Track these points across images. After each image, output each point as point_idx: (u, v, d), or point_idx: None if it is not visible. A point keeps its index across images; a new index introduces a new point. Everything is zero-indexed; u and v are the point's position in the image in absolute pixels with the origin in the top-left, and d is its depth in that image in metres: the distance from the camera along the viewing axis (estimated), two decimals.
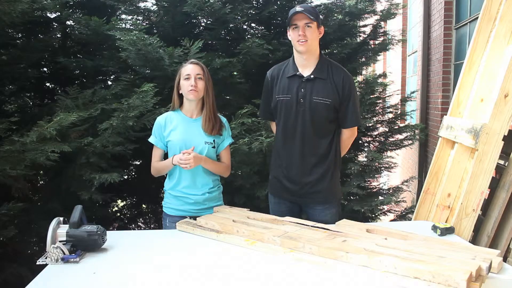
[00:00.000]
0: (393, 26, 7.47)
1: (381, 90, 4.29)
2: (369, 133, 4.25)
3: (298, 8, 2.07)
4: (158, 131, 2.22)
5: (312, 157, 2.18)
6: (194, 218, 2.04)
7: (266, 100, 2.33)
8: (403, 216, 4.22)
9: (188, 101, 2.19)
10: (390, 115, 4.44)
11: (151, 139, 2.24)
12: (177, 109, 2.23)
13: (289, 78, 2.19)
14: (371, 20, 4.25)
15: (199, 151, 2.17)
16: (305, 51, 2.11)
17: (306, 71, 2.17)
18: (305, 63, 2.17)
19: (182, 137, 2.17)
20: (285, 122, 2.20)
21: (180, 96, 2.21)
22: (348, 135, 2.26)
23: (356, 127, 2.27)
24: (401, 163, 7.21)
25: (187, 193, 2.19)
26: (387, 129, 4.31)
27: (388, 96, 4.66)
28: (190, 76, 2.13)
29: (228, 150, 2.32)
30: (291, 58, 2.23)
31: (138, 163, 3.85)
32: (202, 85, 2.16)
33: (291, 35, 2.13)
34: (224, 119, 2.30)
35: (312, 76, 2.15)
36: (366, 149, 4.20)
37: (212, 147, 2.21)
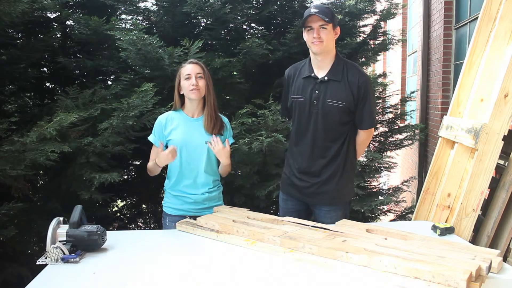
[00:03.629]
0: (393, 26, 7.47)
1: (381, 90, 4.29)
2: None
3: (312, 10, 2.03)
4: (159, 130, 2.21)
5: (321, 159, 2.17)
6: (194, 218, 2.04)
7: (285, 99, 2.32)
8: (403, 216, 4.22)
9: (190, 101, 2.19)
10: (390, 115, 4.44)
11: (150, 138, 2.23)
12: (179, 109, 2.23)
13: (304, 79, 2.18)
14: (371, 20, 4.25)
15: (200, 151, 2.17)
16: (320, 52, 2.09)
17: (321, 72, 2.15)
18: (320, 64, 2.15)
19: (183, 137, 2.16)
20: (299, 122, 2.21)
21: (181, 97, 2.21)
22: (365, 137, 2.25)
23: (372, 128, 2.27)
24: (401, 163, 7.20)
25: (187, 192, 2.19)
26: (387, 129, 4.31)
27: (388, 96, 4.65)
28: (191, 76, 2.13)
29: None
30: (308, 59, 2.21)
31: (138, 163, 3.85)
32: (203, 84, 2.15)
33: (306, 36, 2.11)
34: (226, 120, 2.29)
35: (326, 78, 2.13)
36: (366, 149, 4.20)
37: None
